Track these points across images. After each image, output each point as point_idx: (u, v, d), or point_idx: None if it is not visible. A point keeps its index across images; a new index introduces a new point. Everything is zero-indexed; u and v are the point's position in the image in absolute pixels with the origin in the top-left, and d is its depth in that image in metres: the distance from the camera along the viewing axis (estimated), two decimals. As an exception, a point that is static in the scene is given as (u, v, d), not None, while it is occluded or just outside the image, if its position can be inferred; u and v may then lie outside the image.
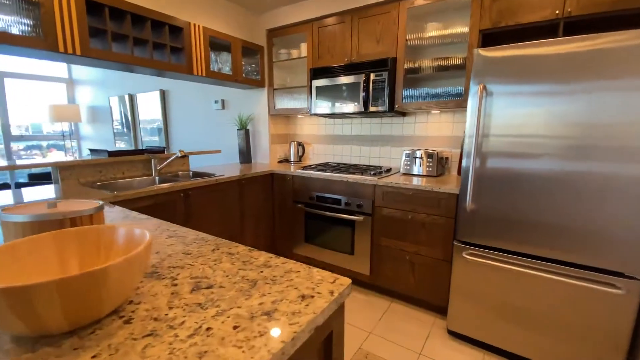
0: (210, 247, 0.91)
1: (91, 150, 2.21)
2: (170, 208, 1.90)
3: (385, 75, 2.22)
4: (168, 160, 2.28)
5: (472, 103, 1.61)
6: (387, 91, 2.23)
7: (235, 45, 2.63)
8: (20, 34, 1.52)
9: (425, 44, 2.21)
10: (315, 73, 2.54)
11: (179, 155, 2.24)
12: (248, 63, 2.91)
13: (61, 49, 1.63)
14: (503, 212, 1.58)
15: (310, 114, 2.63)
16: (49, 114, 4.94)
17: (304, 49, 2.73)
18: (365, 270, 2.27)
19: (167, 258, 0.84)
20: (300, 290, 0.68)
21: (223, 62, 2.65)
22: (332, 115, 2.63)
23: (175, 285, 0.70)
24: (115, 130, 4.96)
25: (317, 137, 3.09)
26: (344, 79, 2.40)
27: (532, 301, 1.55)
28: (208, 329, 0.55)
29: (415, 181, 2.04)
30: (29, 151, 5.28)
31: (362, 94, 2.31)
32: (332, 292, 0.67)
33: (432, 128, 2.46)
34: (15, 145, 5.08)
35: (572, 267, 1.45)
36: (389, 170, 2.46)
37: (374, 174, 2.24)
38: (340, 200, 2.32)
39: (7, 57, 4.72)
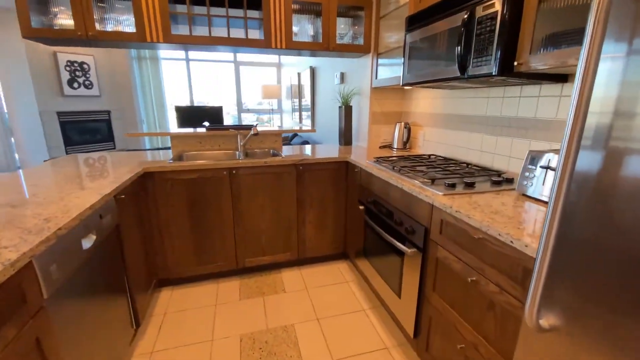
0: None
1: (206, 126, 2.64)
2: (215, 184, 1.98)
3: (498, 4, 1.18)
4: (247, 137, 2.36)
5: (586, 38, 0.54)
6: (498, 37, 1.19)
7: (328, 6, 2.22)
8: (125, 30, 1.94)
9: None
10: (412, 22, 1.73)
11: (252, 133, 2.25)
12: (351, 25, 2.42)
13: (148, 39, 1.96)
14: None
15: (402, 84, 1.88)
16: (261, 93, 6.43)
17: (411, -9, 1.91)
18: (409, 327, 1.48)
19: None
20: None
21: (316, 29, 2.34)
22: (426, 85, 1.76)
23: None
24: (294, 106, 5.78)
25: (432, 118, 2.21)
26: (440, 26, 1.50)
27: None
28: None
29: (535, 210, 1.02)
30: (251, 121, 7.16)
31: (457, 48, 1.36)
32: None
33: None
34: (245, 116, 7.06)
35: None
36: (501, 182, 1.39)
37: (450, 186, 1.33)
38: (392, 214, 1.58)
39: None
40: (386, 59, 2.25)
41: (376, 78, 2.36)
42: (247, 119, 7.16)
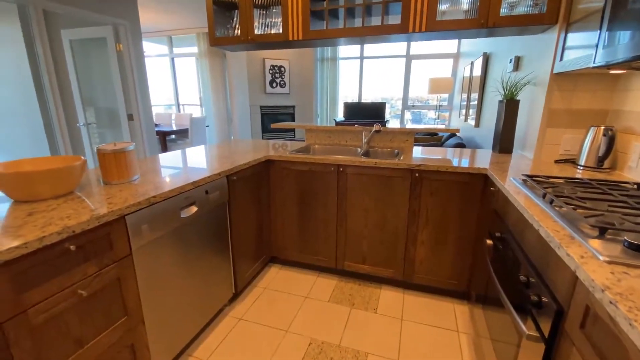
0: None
1: (336, 121, 2.64)
2: (323, 179, 1.95)
3: None
4: (370, 134, 2.19)
5: None
6: None
7: (494, -33, 1.66)
8: (275, 32, 2.18)
9: None
10: (627, -40, 1.03)
11: (374, 130, 2.06)
12: (532, -13, 1.73)
13: (290, 37, 2.11)
14: None
15: (593, 65, 1.17)
16: (428, 87, 5.92)
17: None
18: None
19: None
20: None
21: (474, 2, 1.82)
22: (635, 65, 1.01)
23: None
24: (462, 101, 4.98)
25: (664, 122, 1.28)
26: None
27: None
28: None
29: None
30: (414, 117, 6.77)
31: None
32: None
33: None
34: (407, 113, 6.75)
35: None
36: None
37: (634, 248, 0.72)
38: (520, 265, 1.03)
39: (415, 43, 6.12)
40: (581, 31, 1.47)
41: (561, 60, 1.60)
42: (429, 116, 6.85)
